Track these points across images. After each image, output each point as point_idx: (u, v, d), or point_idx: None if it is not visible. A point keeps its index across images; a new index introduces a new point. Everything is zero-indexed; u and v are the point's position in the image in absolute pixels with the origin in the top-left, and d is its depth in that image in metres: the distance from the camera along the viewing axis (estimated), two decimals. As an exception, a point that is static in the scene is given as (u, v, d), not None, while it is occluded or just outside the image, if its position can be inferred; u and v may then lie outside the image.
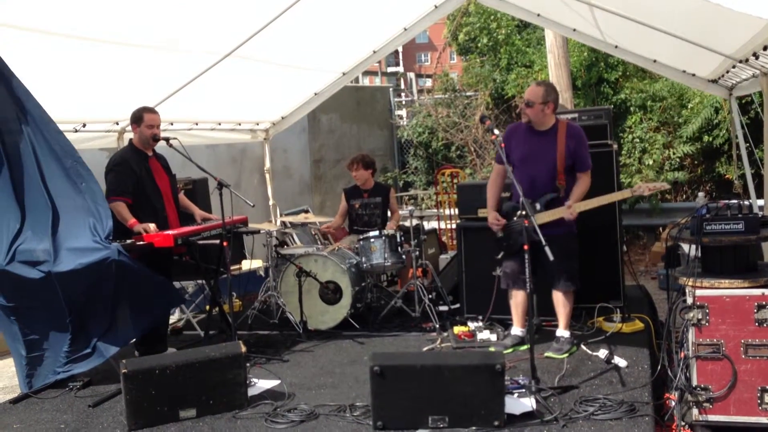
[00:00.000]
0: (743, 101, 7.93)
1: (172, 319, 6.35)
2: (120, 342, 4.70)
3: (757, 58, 4.55)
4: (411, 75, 15.85)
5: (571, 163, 4.81)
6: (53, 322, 4.62)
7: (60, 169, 4.59)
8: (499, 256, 5.03)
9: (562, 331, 4.94)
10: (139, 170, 5.20)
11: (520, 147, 4.88)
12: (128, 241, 4.75)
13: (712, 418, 3.65)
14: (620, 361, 4.53)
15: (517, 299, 5.05)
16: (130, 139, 5.43)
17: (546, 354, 4.81)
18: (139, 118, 5.25)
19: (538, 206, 4.73)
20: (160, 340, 5.21)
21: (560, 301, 4.91)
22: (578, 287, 4.92)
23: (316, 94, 7.78)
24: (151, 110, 5.34)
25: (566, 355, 4.79)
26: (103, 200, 4.68)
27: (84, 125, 5.78)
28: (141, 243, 4.84)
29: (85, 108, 5.70)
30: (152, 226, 5.03)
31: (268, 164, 8.40)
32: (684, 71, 6.61)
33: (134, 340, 5.07)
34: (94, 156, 6.89)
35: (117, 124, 6.17)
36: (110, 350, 4.65)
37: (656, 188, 4.50)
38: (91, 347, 4.64)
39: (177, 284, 6.28)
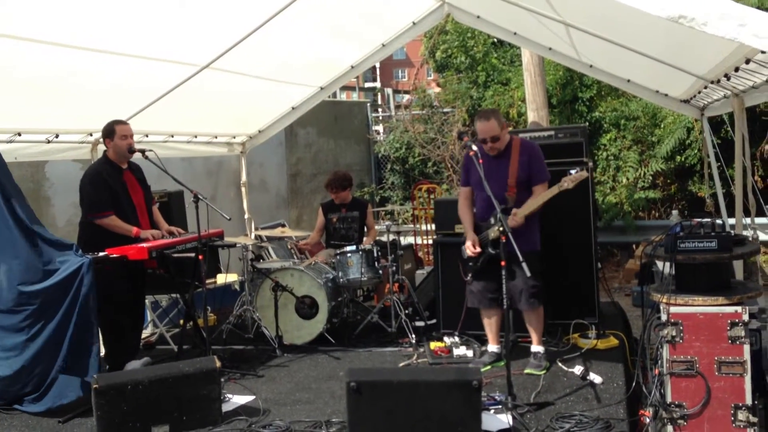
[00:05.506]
0: (714, 121, 8.07)
1: (145, 333, 6.26)
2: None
3: (728, 79, 4.62)
4: (388, 90, 15.86)
5: (525, 177, 4.86)
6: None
7: None
8: (468, 278, 5.05)
9: (537, 347, 4.96)
10: (114, 184, 5.15)
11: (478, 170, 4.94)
12: (101, 254, 4.68)
13: (686, 434, 3.68)
14: (595, 378, 4.56)
15: (489, 318, 5.07)
16: (105, 151, 5.36)
17: (526, 371, 4.84)
18: (111, 131, 5.20)
19: (492, 221, 4.80)
20: (132, 355, 5.11)
21: (530, 318, 4.94)
22: (542, 304, 4.92)
23: (293, 108, 7.76)
24: (121, 122, 5.32)
25: (545, 371, 4.82)
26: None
27: (57, 136, 5.70)
28: (114, 256, 4.77)
29: (58, 118, 5.61)
30: (157, 232, 5.21)
31: (244, 178, 8.35)
32: (657, 91, 6.70)
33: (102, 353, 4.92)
34: (67, 167, 6.82)
35: (90, 135, 6.08)
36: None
37: (578, 179, 4.66)
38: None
39: (151, 298, 6.22)
